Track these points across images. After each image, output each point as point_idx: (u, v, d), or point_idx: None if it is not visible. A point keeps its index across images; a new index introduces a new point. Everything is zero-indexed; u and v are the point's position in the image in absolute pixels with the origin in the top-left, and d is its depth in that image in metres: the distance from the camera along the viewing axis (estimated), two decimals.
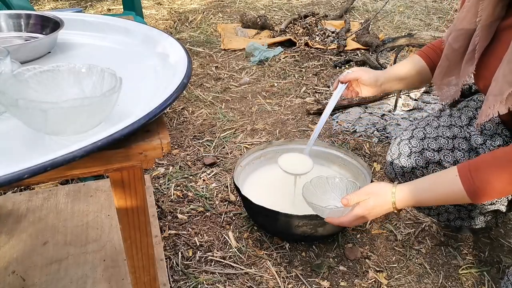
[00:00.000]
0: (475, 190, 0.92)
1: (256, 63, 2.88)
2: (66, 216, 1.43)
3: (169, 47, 0.94)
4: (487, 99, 0.98)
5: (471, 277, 1.38)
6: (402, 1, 4.32)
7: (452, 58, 1.15)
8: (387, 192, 1.02)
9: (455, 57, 1.14)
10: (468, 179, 0.93)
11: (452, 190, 0.95)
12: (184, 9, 4.10)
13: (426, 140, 1.25)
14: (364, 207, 1.04)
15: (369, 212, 1.05)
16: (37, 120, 0.61)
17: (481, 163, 0.93)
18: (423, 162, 1.24)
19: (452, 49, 1.14)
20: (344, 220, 1.09)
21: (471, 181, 0.92)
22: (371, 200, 1.04)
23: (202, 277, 1.36)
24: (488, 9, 1.01)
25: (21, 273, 1.23)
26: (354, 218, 1.06)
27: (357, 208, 1.05)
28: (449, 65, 1.17)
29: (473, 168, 0.93)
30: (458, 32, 1.11)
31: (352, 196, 1.06)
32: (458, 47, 1.12)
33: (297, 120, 2.24)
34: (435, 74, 1.22)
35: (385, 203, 1.02)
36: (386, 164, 1.36)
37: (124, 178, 0.72)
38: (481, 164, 0.93)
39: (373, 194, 1.04)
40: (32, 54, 0.95)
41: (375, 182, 1.09)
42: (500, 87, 0.94)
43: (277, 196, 1.50)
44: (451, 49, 1.14)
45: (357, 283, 1.35)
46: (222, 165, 1.89)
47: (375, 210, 1.05)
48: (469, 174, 0.93)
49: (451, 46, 1.14)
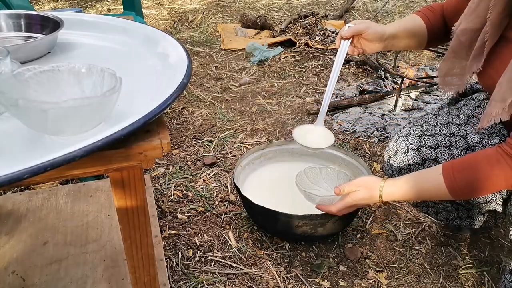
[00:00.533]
0: (456, 189, 1.00)
1: (256, 63, 2.88)
2: (66, 216, 1.43)
3: (169, 47, 0.94)
4: (490, 104, 0.99)
5: (471, 277, 1.38)
6: (402, 1, 4.32)
7: (457, 50, 1.15)
8: (375, 186, 1.11)
9: (460, 49, 1.14)
10: (450, 179, 1.00)
11: (434, 187, 1.03)
12: (184, 9, 4.10)
13: (423, 137, 1.25)
14: (353, 197, 1.15)
15: (357, 203, 1.16)
16: (37, 120, 0.61)
17: (464, 165, 1.00)
18: (419, 159, 1.24)
19: (459, 41, 1.13)
20: (333, 208, 1.19)
21: (453, 181, 1.00)
22: (361, 192, 1.13)
23: (202, 277, 1.36)
24: (498, 6, 1.00)
25: (21, 273, 1.23)
26: (343, 207, 1.18)
27: (347, 198, 1.16)
28: (454, 56, 1.16)
29: (456, 169, 1.00)
30: (467, 25, 1.09)
31: (344, 186, 1.16)
32: (464, 40, 1.11)
33: (297, 120, 2.24)
34: (440, 66, 1.22)
35: (373, 196, 1.12)
36: (383, 161, 1.36)
37: (124, 178, 0.72)
38: (463, 165, 1.00)
39: (363, 187, 1.13)
40: (32, 54, 0.95)
41: (367, 176, 1.18)
42: (504, 93, 0.95)
43: (277, 196, 1.50)
44: (458, 41, 1.13)
45: (357, 283, 1.35)
46: (222, 165, 1.89)
47: (362, 202, 1.16)
48: (452, 174, 1.00)
49: (458, 38, 1.13)
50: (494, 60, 1.06)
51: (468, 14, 1.10)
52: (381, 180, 1.12)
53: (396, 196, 1.11)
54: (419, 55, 2.99)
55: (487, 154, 0.98)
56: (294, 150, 1.70)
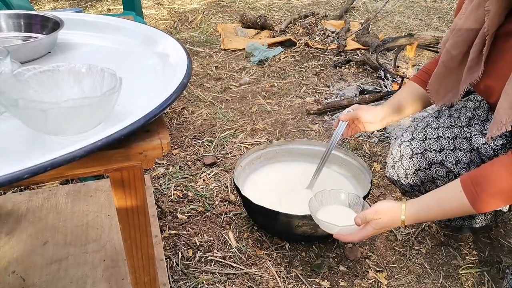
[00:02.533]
0: (479, 204, 0.97)
1: (256, 63, 2.88)
2: (66, 216, 1.43)
3: (169, 47, 0.94)
4: (498, 112, 0.98)
5: (471, 277, 1.38)
6: (402, 1, 4.32)
7: (449, 64, 1.15)
8: (396, 211, 1.07)
9: (452, 63, 1.14)
10: (472, 194, 0.97)
11: (458, 206, 1.01)
12: (184, 9, 4.10)
13: (427, 141, 1.25)
14: (375, 226, 1.09)
15: (379, 230, 1.11)
16: (37, 120, 0.61)
17: (483, 177, 0.97)
18: (425, 163, 1.24)
19: (450, 55, 1.13)
20: (355, 238, 1.13)
21: (475, 196, 0.97)
22: (383, 220, 1.08)
23: (202, 277, 1.36)
24: (495, 18, 1.01)
25: (21, 273, 1.23)
26: (365, 236, 1.11)
27: (368, 227, 1.10)
28: (446, 71, 1.17)
29: (475, 183, 0.97)
30: (457, 39, 1.11)
31: (364, 216, 1.10)
32: (456, 54, 1.12)
33: (297, 120, 2.24)
34: (431, 81, 1.22)
35: (395, 222, 1.08)
36: (387, 167, 1.36)
37: (124, 178, 0.72)
38: (482, 179, 0.97)
39: (384, 214, 1.08)
40: (32, 54, 0.95)
41: (385, 201, 1.12)
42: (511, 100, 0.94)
43: (277, 196, 1.50)
44: (449, 55, 1.14)
45: (357, 283, 1.35)
46: (222, 165, 1.89)
47: (385, 228, 1.11)
48: (473, 188, 0.97)
49: (450, 53, 1.13)
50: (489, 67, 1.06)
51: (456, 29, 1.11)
52: (401, 204, 1.07)
53: (419, 220, 1.08)
54: (419, 55, 2.99)
55: (503, 163, 0.96)
56: (294, 150, 1.70)
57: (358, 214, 1.13)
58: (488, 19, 1.01)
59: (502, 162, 0.97)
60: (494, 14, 1.00)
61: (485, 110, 1.23)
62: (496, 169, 0.97)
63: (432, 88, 1.23)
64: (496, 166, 0.97)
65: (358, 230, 1.12)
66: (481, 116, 1.23)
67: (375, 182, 1.78)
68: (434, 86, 1.22)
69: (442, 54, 1.17)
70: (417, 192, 1.30)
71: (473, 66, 1.08)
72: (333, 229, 1.17)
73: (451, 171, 1.23)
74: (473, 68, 1.09)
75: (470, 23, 1.07)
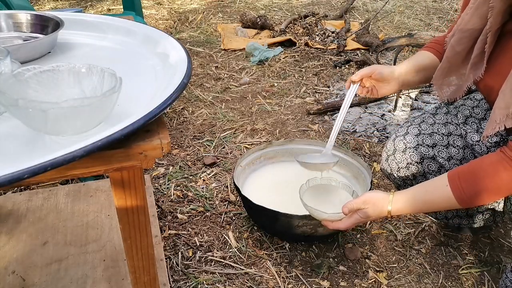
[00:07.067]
0: (465, 199, 1.00)
1: (256, 63, 2.88)
2: (66, 216, 1.43)
3: (169, 47, 0.94)
4: (494, 112, 0.99)
5: (471, 277, 1.38)
6: (402, 1, 4.32)
7: (453, 60, 1.16)
8: (384, 202, 1.10)
9: (456, 59, 1.15)
10: (458, 189, 1.00)
11: (443, 199, 1.03)
12: (184, 9, 4.10)
13: (421, 136, 1.25)
14: (362, 215, 1.13)
15: (366, 219, 1.15)
16: (37, 120, 0.61)
17: (470, 173, 1.00)
18: (418, 158, 1.24)
19: (455, 51, 1.14)
20: (342, 225, 1.18)
21: (461, 191, 0.99)
22: (369, 209, 1.12)
23: (202, 277, 1.36)
24: (498, 16, 1.01)
25: (21, 273, 1.23)
26: (352, 224, 1.16)
27: (355, 215, 1.14)
28: (450, 66, 1.18)
29: (462, 179, 1.00)
30: (462, 35, 1.11)
31: (352, 204, 1.14)
32: (460, 50, 1.13)
33: (297, 120, 2.24)
34: (435, 75, 1.22)
35: (382, 212, 1.11)
36: (381, 160, 1.36)
37: (124, 178, 0.72)
38: (469, 174, 0.99)
39: (371, 204, 1.12)
40: (32, 54, 0.95)
41: (374, 191, 1.15)
42: (508, 100, 0.95)
43: (277, 196, 1.50)
44: (453, 51, 1.14)
45: (357, 283, 1.35)
46: (222, 165, 1.89)
47: (371, 218, 1.15)
48: (459, 184, 1.00)
49: (454, 49, 1.14)
50: (491, 65, 1.06)
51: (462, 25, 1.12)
52: (389, 195, 1.10)
53: (405, 211, 1.11)
54: None
55: (492, 160, 0.98)
56: (294, 150, 1.70)
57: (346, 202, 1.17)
58: (491, 16, 1.01)
59: (491, 159, 0.98)
60: (498, 11, 1.00)
61: (484, 109, 1.23)
62: (485, 166, 0.98)
63: (436, 82, 1.24)
64: (485, 163, 0.99)
65: (345, 218, 1.16)
66: (478, 115, 1.24)
67: (375, 182, 1.78)
68: (438, 79, 1.23)
69: (447, 49, 1.17)
70: (409, 186, 1.31)
71: (477, 63, 1.09)
72: (320, 215, 1.21)
73: (442, 166, 1.23)
74: (477, 65, 1.09)
75: (475, 20, 1.07)
